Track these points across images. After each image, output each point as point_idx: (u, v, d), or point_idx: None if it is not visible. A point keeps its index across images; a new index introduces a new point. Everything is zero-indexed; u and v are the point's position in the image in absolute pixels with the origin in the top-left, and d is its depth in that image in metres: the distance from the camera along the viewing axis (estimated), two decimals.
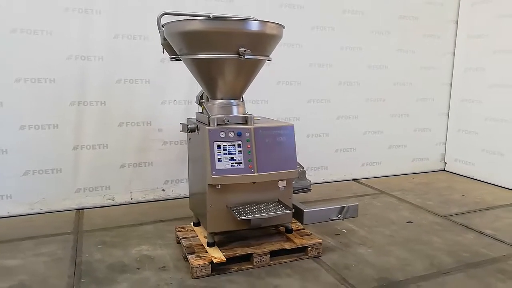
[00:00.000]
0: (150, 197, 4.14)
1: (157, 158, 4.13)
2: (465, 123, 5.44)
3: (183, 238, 2.98)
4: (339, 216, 2.96)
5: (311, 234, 3.09)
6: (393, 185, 4.95)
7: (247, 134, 2.64)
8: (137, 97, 3.95)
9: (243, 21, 2.48)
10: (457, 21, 5.37)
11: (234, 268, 2.74)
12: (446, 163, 5.75)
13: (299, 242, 2.92)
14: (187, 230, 3.14)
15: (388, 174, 5.33)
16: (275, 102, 4.47)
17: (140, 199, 4.11)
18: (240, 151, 2.62)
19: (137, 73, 3.91)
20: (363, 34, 4.83)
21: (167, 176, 4.21)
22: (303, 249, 2.94)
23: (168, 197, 4.22)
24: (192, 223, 3.24)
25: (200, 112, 2.96)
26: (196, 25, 2.50)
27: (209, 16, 2.96)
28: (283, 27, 2.66)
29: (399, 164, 5.41)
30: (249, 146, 2.63)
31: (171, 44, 2.77)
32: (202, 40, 2.51)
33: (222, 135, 2.60)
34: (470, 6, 5.24)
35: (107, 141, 3.91)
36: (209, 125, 2.64)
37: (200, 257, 2.69)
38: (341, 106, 4.90)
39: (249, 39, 2.51)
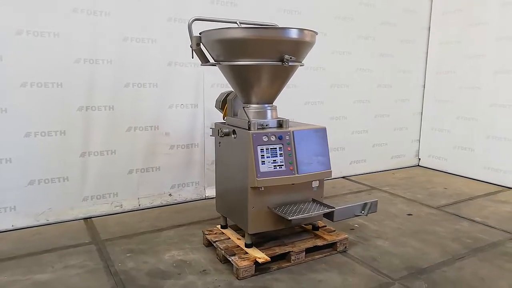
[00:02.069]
0: (158, 203, 4.09)
1: (164, 162, 4.09)
2: (437, 122, 5.94)
3: (217, 241, 3.02)
4: (363, 212, 3.16)
5: (335, 231, 3.27)
6: (380, 181, 5.30)
7: (287, 137, 2.75)
8: (145, 101, 3.89)
9: (286, 29, 2.58)
10: (429, 28, 5.85)
11: (274, 267, 2.84)
12: (420, 159, 6.25)
13: (330, 238, 3.08)
14: (216, 233, 3.18)
15: (372, 170, 5.70)
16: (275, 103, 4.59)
17: (148, 205, 4.04)
18: (281, 153, 2.73)
19: (145, 77, 3.85)
20: (352, 39, 5.12)
21: (174, 180, 4.18)
22: (331, 245, 3.11)
23: (175, 201, 4.19)
24: (219, 226, 3.28)
25: (234, 117, 3.01)
26: (243, 33, 2.57)
27: (236, 23, 3.05)
28: (317, 33, 2.80)
29: (381, 161, 5.80)
30: (289, 149, 2.75)
31: (208, 50, 2.80)
32: (246, 47, 2.58)
33: (265, 138, 2.69)
34: (441, 14, 5.74)
35: (115, 147, 3.81)
36: (249, 129, 2.71)
37: (243, 258, 2.76)
38: (333, 108, 5.15)
39: (291, 46, 2.63)
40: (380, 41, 5.34)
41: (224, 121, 3.30)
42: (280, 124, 2.89)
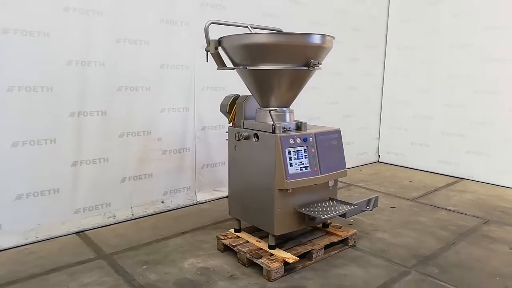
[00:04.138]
0: (151, 211, 3.93)
1: (156, 168, 3.94)
2: (396, 120, 6.46)
3: (237, 245, 3.01)
4: (368, 207, 3.37)
5: (341, 227, 3.44)
6: (352, 177, 5.62)
7: (311, 139, 2.85)
8: (137, 105, 3.72)
9: (312, 35, 2.67)
10: (387, 35, 6.33)
11: (299, 266, 2.92)
12: (379, 155, 6.73)
13: (342, 234, 3.24)
14: (231, 238, 3.16)
15: None
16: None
17: (141, 214, 3.87)
18: (306, 155, 2.81)
19: (138, 80, 3.68)
20: None
21: (166, 187, 4.05)
22: (343, 240, 3.27)
23: (168, 208, 4.06)
24: (232, 230, 3.26)
25: (251, 121, 3.02)
26: (273, 39, 2.61)
27: (247, 27, 3.08)
28: (334, 38, 2.93)
29: (349, 159, 6.06)
30: (313, 150, 2.84)
31: (229, 54, 2.79)
32: (275, 52, 2.62)
33: (291, 141, 2.75)
34: (398, 23, 6.25)
35: (107, 154, 3.59)
36: (274, 132, 2.76)
37: (272, 259, 2.79)
38: (309, 109, 5.34)
39: (316, 51, 2.73)
40: (349, 45, 5.66)
41: (229, 125, 3.31)
42: (299, 126, 2.98)
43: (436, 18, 5.75)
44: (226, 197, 4.54)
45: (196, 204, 4.28)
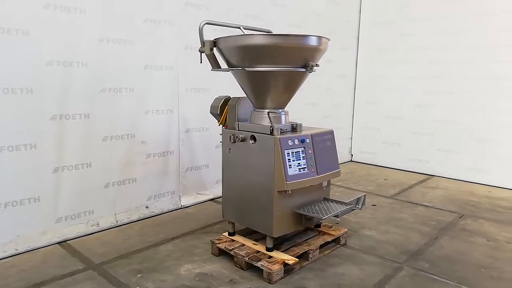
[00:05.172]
0: (135, 217, 3.80)
1: (140, 173, 3.81)
2: (368, 121, 6.66)
3: (233, 249, 2.97)
4: (357, 205, 3.45)
5: (332, 226, 3.49)
6: None
7: (308, 140, 2.86)
8: (121, 107, 3.58)
9: (310, 37, 2.69)
10: (358, 37, 6.52)
11: (297, 266, 2.93)
12: (352, 154, 6.91)
13: (335, 233, 3.29)
14: (226, 241, 3.11)
15: None
16: None
17: (126, 220, 3.72)
18: (304, 156, 2.83)
19: (121, 81, 3.54)
20: None
21: (150, 191, 3.92)
22: (334, 240, 3.32)
23: (152, 213, 3.93)
24: (226, 233, 3.22)
25: (245, 122, 3.00)
26: (272, 40, 2.60)
27: (239, 28, 3.06)
28: (329, 40, 2.96)
29: None
30: (310, 151, 2.86)
31: (225, 56, 2.75)
32: (274, 53, 2.62)
33: (290, 143, 2.76)
34: (369, 26, 6.45)
35: (90, 159, 3.42)
36: (272, 134, 2.75)
37: (272, 262, 2.78)
38: (290, 111, 5.38)
39: (313, 52, 2.75)
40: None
41: (220, 126, 3.27)
42: (294, 127, 2.99)
43: (406, 21, 5.99)
44: (210, 200, 4.49)
45: (181, 208, 4.18)
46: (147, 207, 3.91)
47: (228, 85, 3.80)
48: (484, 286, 2.73)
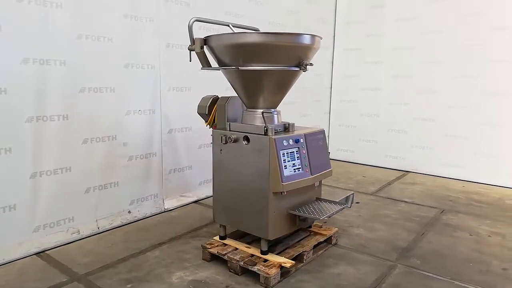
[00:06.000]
0: (118, 222, 3.62)
1: (122, 176, 3.63)
2: (344, 119, 6.73)
3: (226, 253, 2.88)
4: (347, 204, 3.45)
5: (322, 226, 3.47)
6: None
7: (302, 140, 2.82)
8: (102, 108, 3.39)
9: (304, 35, 2.63)
10: (334, 36, 6.57)
11: (292, 269, 2.88)
12: (329, 152, 6.94)
13: (327, 233, 3.27)
14: (218, 246, 3.02)
15: None
16: None
17: (108, 227, 3.54)
18: (298, 156, 2.78)
19: (102, 80, 3.36)
20: None
21: (133, 195, 3.75)
22: (326, 239, 3.30)
23: (135, 218, 3.77)
24: (217, 237, 3.12)
25: (236, 122, 2.91)
26: (266, 39, 2.52)
27: (228, 25, 2.97)
28: (321, 38, 2.92)
29: None
30: (304, 152, 2.82)
31: (216, 54, 2.65)
32: (267, 52, 2.55)
33: (285, 143, 2.70)
34: (344, 25, 6.51)
35: (70, 163, 3.22)
36: (266, 134, 2.69)
37: (268, 265, 2.72)
38: None
39: (307, 51, 2.70)
40: None
41: (207, 127, 3.18)
42: (286, 127, 2.94)
43: (381, 21, 6.09)
44: (194, 202, 4.37)
45: (164, 211, 4.03)
46: (129, 211, 3.73)
47: (212, 83, 3.70)
48: (476, 281, 2.79)
